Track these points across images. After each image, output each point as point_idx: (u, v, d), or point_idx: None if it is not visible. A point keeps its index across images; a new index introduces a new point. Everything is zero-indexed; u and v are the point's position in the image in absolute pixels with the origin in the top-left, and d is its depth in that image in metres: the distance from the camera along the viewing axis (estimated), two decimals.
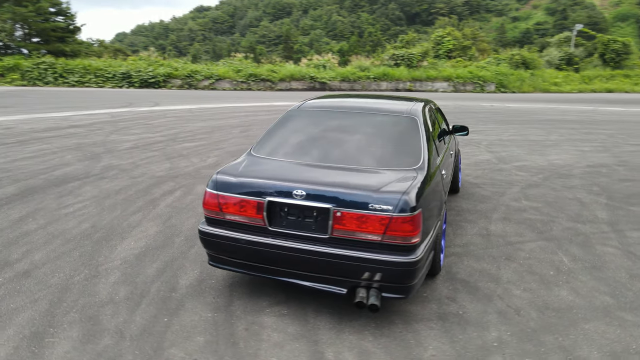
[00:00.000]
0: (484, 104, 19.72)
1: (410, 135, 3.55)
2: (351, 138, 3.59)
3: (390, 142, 3.53)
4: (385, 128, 3.66)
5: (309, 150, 3.51)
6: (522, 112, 15.73)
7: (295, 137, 3.72)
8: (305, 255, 2.91)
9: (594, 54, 36.87)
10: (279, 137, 3.74)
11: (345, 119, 3.82)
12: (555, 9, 80.00)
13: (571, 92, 30.33)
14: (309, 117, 3.93)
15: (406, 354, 2.70)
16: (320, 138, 3.66)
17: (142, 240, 4.27)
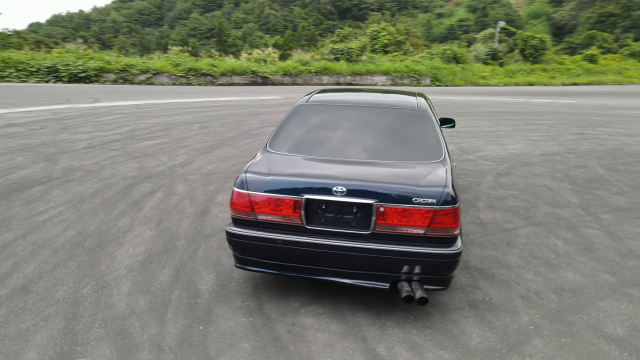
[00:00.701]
0: None
1: (425, 128, 3.61)
2: (369, 133, 3.59)
3: (409, 136, 3.56)
4: (400, 122, 3.68)
5: (332, 146, 3.46)
6: (464, 105, 16.48)
7: (312, 132, 3.65)
8: (346, 253, 2.88)
9: (515, 50, 39.35)
10: (294, 132, 3.66)
11: (358, 114, 3.80)
12: (476, 7, 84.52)
13: (498, 85, 32.18)
14: (320, 112, 3.87)
15: (454, 344, 2.76)
16: (339, 133, 3.61)
17: (141, 246, 4.01)
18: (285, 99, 16.66)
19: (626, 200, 5.68)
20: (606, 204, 5.49)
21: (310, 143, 3.52)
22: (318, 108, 3.92)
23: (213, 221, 4.62)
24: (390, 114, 3.78)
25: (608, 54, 44.74)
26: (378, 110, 3.84)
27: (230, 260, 3.76)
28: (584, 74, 38.08)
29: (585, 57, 41.20)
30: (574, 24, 77.30)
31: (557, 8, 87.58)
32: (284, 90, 21.27)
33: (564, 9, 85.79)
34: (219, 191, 5.60)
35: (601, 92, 25.32)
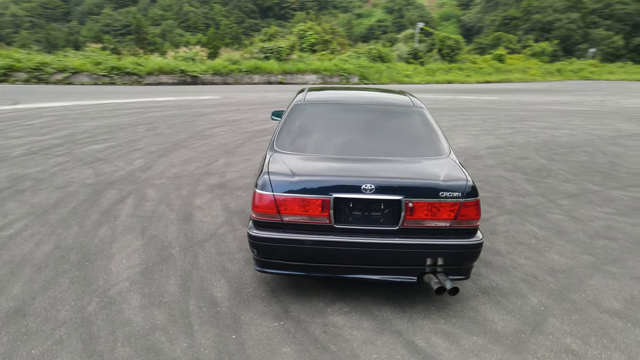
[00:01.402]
0: None
1: (426, 125, 3.74)
2: (376, 130, 3.64)
3: (413, 132, 3.67)
4: (402, 119, 3.78)
5: (345, 145, 3.47)
6: None
7: (320, 131, 3.64)
8: (375, 249, 2.92)
9: (433, 49, 41.53)
10: (301, 132, 3.63)
11: (360, 112, 3.85)
12: (392, 8, 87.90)
13: (420, 82, 33.77)
14: (322, 111, 3.86)
15: (482, 329, 2.90)
16: (347, 132, 3.63)
17: (134, 256, 3.76)
18: (226, 99, 16.29)
19: (574, 187, 6.25)
20: (559, 191, 6.01)
21: (321, 142, 3.50)
22: (318, 107, 3.91)
23: (201, 226, 4.44)
24: (391, 111, 3.86)
25: (514, 54, 48.66)
26: (379, 108, 3.91)
27: (237, 266, 3.65)
28: (495, 72, 41.02)
29: (495, 57, 44.46)
30: (481, 25, 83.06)
31: (466, 11, 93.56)
32: (219, 90, 20.76)
33: (471, 12, 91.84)
34: (194, 195, 5.38)
35: (513, 89, 27.48)
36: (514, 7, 75.06)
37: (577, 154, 8.48)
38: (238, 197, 5.37)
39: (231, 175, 6.32)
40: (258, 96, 17.84)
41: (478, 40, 60.59)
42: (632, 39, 63.40)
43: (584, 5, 64.40)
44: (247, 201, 5.22)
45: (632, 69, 54.26)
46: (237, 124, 10.75)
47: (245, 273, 3.55)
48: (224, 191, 5.57)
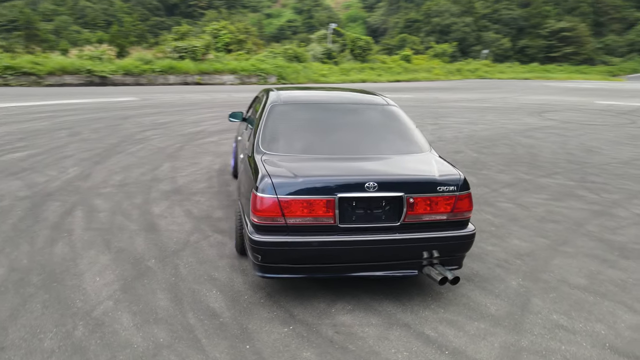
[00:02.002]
0: None
1: (403, 122, 3.87)
2: (359, 129, 3.70)
3: (393, 130, 3.77)
4: (381, 118, 3.87)
5: (334, 144, 3.49)
6: None
7: (305, 131, 3.61)
8: (378, 246, 2.97)
9: (345, 50, 42.69)
10: (286, 133, 3.58)
11: (339, 112, 3.87)
12: (301, 9, 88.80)
13: (336, 82, 34.52)
14: (303, 111, 3.83)
15: (480, 314, 3.08)
16: (331, 131, 3.64)
17: (107, 273, 3.46)
18: (145, 101, 15.43)
19: (509, 177, 6.81)
20: (498, 181, 6.51)
21: (310, 142, 3.48)
22: (298, 107, 3.88)
23: (170, 235, 4.20)
24: (369, 110, 3.94)
25: (419, 55, 51.54)
26: (357, 107, 3.97)
27: (223, 273, 3.51)
28: (404, 72, 43.14)
29: (402, 57, 46.76)
30: (385, 27, 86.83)
31: (371, 13, 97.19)
32: (134, 91, 19.59)
33: (376, 14, 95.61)
34: (150, 203, 5.06)
35: (423, 88, 29.09)
36: (415, 10, 79.48)
37: (499, 146, 9.22)
38: (198, 202, 5.15)
39: (182, 180, 6.03)
40: (178, 97, 17.12)
41: (385, 41, 63.37)
42: (518, 41, 70.11)
43: (476, 10, 69.95)
44: (209, 206, 5.02)
45: (519, 68, 60.04)
46: (167, 126, 10.25)
47: (235, 280, 3.43)
48: (181, 197, 5.31)
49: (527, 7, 72.22)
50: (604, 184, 6.48)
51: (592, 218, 5.06)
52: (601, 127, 12.24)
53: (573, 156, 8.41)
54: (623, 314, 3.11)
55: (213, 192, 5.54)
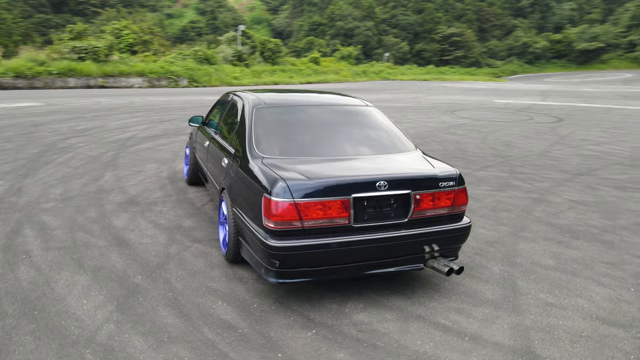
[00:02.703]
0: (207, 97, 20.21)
1: (386, 122, 4.02)
2: (349, 130, 3.76)
3: (378, 130, 3.89)
4: (365, 119, 3.97)
5: (333, 145, 3.53)
6: None
7: (300, 134, 3.60)
8: (389, 243, 3.06)
9: (255, 52, 42.39)
10: (280, 136, 3.54)
11: (326, 114, 3.91)
12: (204, 10, 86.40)
13: (249, 84, 34.19)
14: (287, 114, 3.80)
15: (481, 300, 3.29)
16: (325, 133, 3.68)
17: (93, 294, 3.16)
18: (51, 106, 14.06)
19: None
20: None
21: (308, 144, 3.50)
22: (282, 110, 3.85)
23: (145, 249, 3.92)
24: (353, 112, 4.02)
25: (326, 57, 52.74)
26: (341, 109, 4.03)
27: (221, 284, 3.38)
28: (313, 74, 43.88)
29: (311, 59, 47.54)
30: (290, 30, 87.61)
31: (275, 15, 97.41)
32: (32, 95, 17.76)
33: (280, 17, 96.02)
34: (107, 216, 4.67)
35: (337, 89, 29.81)
36: (318, 14, 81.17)
37: (430, 144, 9.79)
38: (161, 213, 4.85)
39: (133, 190, 5.64)
40: (91, 102, 15.87)
41: (293, 44, 63.91)
42: (415, 45, 74.61)
43: (376, 15, 73.19)
44: (175, 216, 4.76)
45: (417, 70, 63.88)
46: (91, 133, 9.47)
47: (236, 289, 3.31)
48: (140, 208, 4.97)
49: (421, 13, 77.11)
50: (532, 174, 7.19)
51: (535, 205, 5.60)
52: (508, 124, 13.49)
53: (496, 150, 9.20)
54: (595, 288, 3.51)
55: (173, 201, 5.26)
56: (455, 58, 72.81)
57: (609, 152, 9.30)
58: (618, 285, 3.55)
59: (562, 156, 8.74)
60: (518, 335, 2.85)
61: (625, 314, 3.13)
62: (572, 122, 13.94)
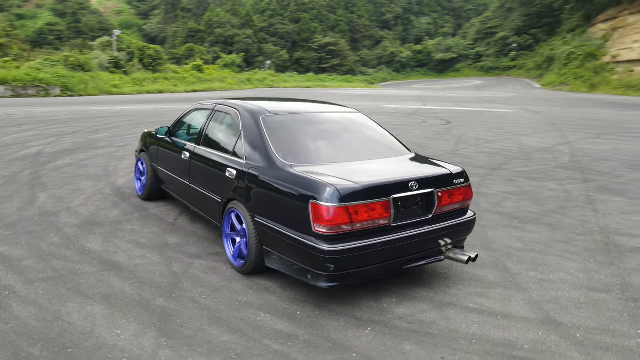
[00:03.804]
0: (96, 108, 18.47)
1: (379, 128, 4.25)
2: (354, 136, 3.95)
3: (378, 135, 4.11)
4: (362, 125, 4.16)
5: (343, 150, 3.70)
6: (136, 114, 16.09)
7: (316, 140, 3.68)
8: (421, 239, 3.29)
9: (134, 59, 39.83)
10: (298, 143, 3.60)
11: (326, 121, 4.03)
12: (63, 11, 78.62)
13: (132, 93, 32.10)
14: (293, 122, 3.86)
15: (489, 283, 3.67)
16: (332, 139, 3.81)
17: (123, 323, 2.88)
18: None
19: None
20: None
21: (322, 150, 3.61)
22: (286, 118, 3.88)
23: (145, 269, 3.65)
24: (349, 118, 4.19)
25: (209, 65, 51.58)
26: (336, 115, 4.17)
27: (250, 296, 3.32)
28: (198, 82, 42.73)
29: (194, 67, 46.15)
30: (165, 36, 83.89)
31: (147, 20, 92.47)
32: None
33: (152, 22, 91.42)
34: (76, 241, 4.21)
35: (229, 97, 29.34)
36: (194, 20, 78.99)
37: None
38: (134, 232, 4.50)
39: (85, 210, 5.11)
40: None
41: (173, 50, 61.25)
42: (294, 53, 76.51)
43: (254, 23, 73.56)
44: (153, 233, 4.46)
45: (298, 78, 65.63)
46: None
47: (269, 299, 3.27)
48: (107, 229, 4.55)
49: (298, 23, 79.38)
50: None
51: (477, 198, 6.28)
52: (409, 126, 14.65)
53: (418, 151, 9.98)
54: (565, 263, 4.12)
55: (139, 219, 4.89)
56: (332, 66, 76.15)
57: (504, 149, 10.66)
58: (580, 259, 4.21)
59: (471, 154, 9.82)
60: (535, 309, 3.27)
61: (600, 282, 3.75)
62: (459, 124, 15.61)
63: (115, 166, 7.42)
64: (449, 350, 2.74)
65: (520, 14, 75.63)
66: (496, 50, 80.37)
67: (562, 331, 2.98)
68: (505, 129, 14.52)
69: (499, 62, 79.33)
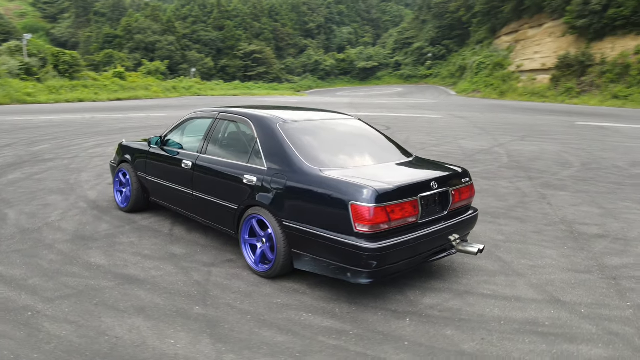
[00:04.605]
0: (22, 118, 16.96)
1: (376, 133, 4.50)
2: (362, 140, 4.17)
3: (380, 138, 4.35)
4: (363, 129, 4.38)
5: (362, 154, 3.91)
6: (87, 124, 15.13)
7: (334, 145, 3.90)
8: (442, 234, 3.57)
9: (47, 65, 37.04)
10: (321, 148, 3.75)
11: (338, 127, 4.24)
12: None
13: (49, 102, 29.82)
14: (308, 129, 3.99)
15: (491, 272, 4.03)
16: (347, 144, 4.01)
17: (171, 334, 2.85)
18: None
19: None
20: None
21: (344, 154, 3.81)
22: (301, 125, 4.01)
23: (165, 280, 3.58)
24: (350, 124, 4.41)
25: (132, 72, 49.28)
26: (341, 122, 4.36)
27: (286, 298, 3.40)
28: (121, 90, 40.66)
29: (116, 74, 43.88)
30: (76, 41, 78.90)
31: (55, 24, 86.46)
32: None
33: (62, 26, 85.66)
34: (77, 255, 4.01)
35: (158, 106, 28.35)
36: (109, 25, 75.12)
37: None
38: (132, 245, 4.37)
39: (69, 225, 4.84)
40: None
41: (89, 57, 57.63)
42: (219, 61, 75.30)
43: (176, 30, 71.39)
44: (152, 244, 4.36)
45: (225, 86, 64.64)
46: None
47: (303, 300, 3.38)
48: (103, 243, 4.37)
49: (222, 30, 78.28)
50: None
51: None
52: None
53: None
54: (546, 250, 4.60)
55: (132, 231, 4.72)
56: (258, 74, 75.90)
57: (448, 151, 11.41)
58: (555, 246, 4.73)
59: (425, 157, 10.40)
60: (539, 291, 3.67)
61: (579, 265, 4.25)
62: (399, 129, 16.38)
63: (75, 179, 7.01)
64: (485, 332, 3.02)
65: (434, 26, 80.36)
66: (413, 60, 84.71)
67: (568, 308, 3.39)
68: (441, 133, 15.47)
69: (416, 71, 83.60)
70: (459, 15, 71.42)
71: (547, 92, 41.90)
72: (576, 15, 39.00)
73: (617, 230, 5.22)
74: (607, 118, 21.57)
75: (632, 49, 35.40)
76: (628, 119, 21.58)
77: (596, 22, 37.56)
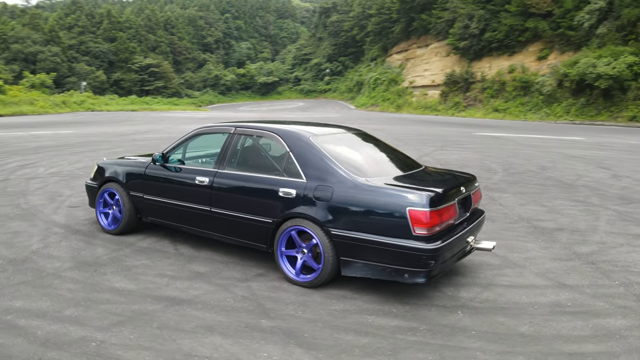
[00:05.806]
0: None
1: (386, 144, 4.78)
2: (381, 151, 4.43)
3: (393, 149, 4.64)
4: (377, 141, 4.65)
5: (388, 164, 4.18)
6: None
7: (357, 157, 4.12)
8: (470, 234, 3.93)
9: None
10: (354, 159, 3.96)
11: (355, 139, 4.44)
12: None
13: None
14: (335, 141, 4.15)
15: (498, 266, 4.48)
16: (370, 155, 4.25)
17: (258, 347, 2.82)
18: None
19: None
20: None
21: (372, 164, 4.09)
22: (329, 139, 4.18)
23: (213, 297, 3.49)
24: (360, 136, 4.63)
25: (12, 85, 44.39)
26: (354, 134, 4.58)
27: (338, 304, 3.52)
28: (1, 105, 36.49)
29: None
30: None
31: None
32: None
33: None
34: (94, 282, 3.71)
35: (49, 123, 25.93)
36: None
37: None
38: (148, 266, 4.14)
39: (61, 252, 4.43)
40: None
41: None
42: (112, 74, 70.80)
43: (61, 40, 65.82)
44: (169, 265, 4.18)
45: (120, 100, 60.88)
46: None
47: (357, 304, 3.52)
48: (112, 268, 4.08)
49: (114, 42, 73.81)
50: None
51: None
52: None
53: None
54: (527, 244, 5.19)
55: (135, 253, 4.45)
56: (156, 88, 72.71)
57: None
58: (531, 240, 5.36)
59: None
60: (545, 278, 4.19)
61: (560, 254, 4.89)
62: None
63: (27, 203, 6.32)
64: (528, 317, 3.42)
65: (330, 43, 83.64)
66: (312, 75, 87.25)
67: (576, 290, 3.93)
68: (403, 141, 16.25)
69: (315, 86, 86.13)
70: (352, 33, 75.12)
71: (439, 105, 45.86)
72: (458, 37, 43.24)
73: (567, 224, 6.03)
74: (495, 129, 24.23)
75: (507, 68, 40.17)
76: (513, 129, 24.49)
77: (475, 44, 41.97)
